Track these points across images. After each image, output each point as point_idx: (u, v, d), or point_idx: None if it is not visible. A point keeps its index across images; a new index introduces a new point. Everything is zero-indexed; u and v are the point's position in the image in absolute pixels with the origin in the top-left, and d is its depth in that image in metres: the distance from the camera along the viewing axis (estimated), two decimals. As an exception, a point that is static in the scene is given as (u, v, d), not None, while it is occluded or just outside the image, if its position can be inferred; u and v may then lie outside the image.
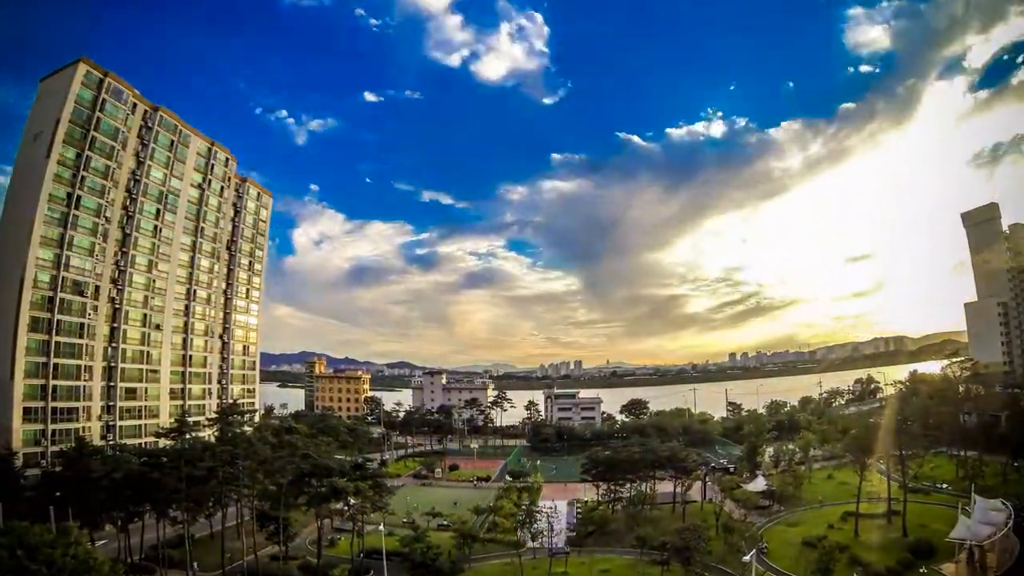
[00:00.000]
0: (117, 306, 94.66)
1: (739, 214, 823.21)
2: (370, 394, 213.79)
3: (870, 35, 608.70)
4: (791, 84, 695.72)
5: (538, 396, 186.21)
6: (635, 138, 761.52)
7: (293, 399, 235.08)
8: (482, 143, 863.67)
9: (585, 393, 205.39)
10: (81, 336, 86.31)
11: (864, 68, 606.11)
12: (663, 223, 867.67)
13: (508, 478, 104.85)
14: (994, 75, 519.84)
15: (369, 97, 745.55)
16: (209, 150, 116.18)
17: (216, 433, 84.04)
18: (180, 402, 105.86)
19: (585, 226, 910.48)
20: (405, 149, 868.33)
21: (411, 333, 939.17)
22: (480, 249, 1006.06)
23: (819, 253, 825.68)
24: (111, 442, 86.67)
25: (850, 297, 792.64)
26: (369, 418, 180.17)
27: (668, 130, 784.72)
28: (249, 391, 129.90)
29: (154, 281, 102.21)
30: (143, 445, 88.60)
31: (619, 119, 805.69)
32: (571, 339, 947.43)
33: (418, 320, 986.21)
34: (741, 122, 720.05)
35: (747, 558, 46.19)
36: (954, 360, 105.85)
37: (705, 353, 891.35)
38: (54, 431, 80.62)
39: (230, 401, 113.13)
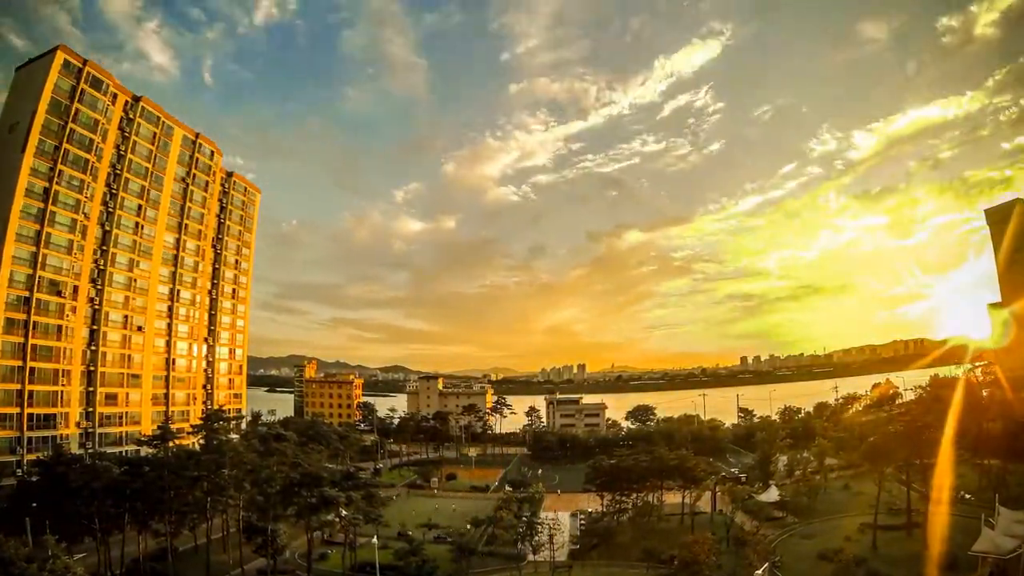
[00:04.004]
0: (96, 307, 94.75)
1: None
2: (363, 399, 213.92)
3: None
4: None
5: (539, 402, 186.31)
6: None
7: (282, 405, 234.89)
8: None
9: (589, 398, 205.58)
10: (59, 339, 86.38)
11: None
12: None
13: (508, 488, 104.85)
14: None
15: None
16: (193, 142, 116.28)
17: (201, 441, 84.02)
18: (163, 408, 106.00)
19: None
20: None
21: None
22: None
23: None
24: (90, 450, 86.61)
25: (866, 298, 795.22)
26: (361, 425, 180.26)
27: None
28: (235, 396, 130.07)
29: (135, 281, 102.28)
30: (124, 453, 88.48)
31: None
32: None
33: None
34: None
35: (760, 572, 46.24)
36: (977, 364, 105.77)
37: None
38: (30, 439, 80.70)
39: (215, 407, 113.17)
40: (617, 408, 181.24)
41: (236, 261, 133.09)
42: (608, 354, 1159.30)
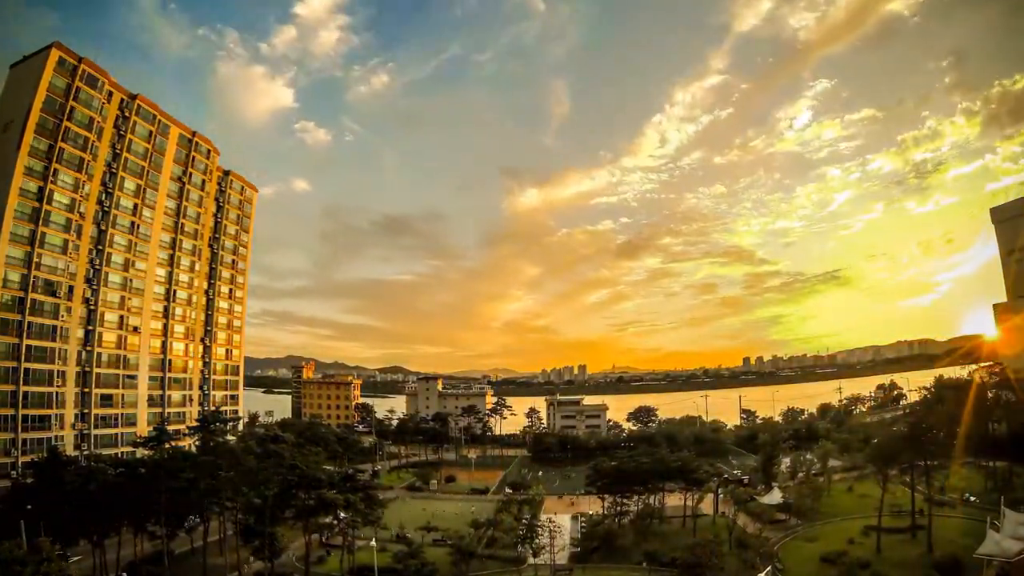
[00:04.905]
0: (92, 307, 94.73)
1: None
2: (361, 401, 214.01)
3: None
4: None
5: (540, 403, 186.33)
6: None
7: (279, 406, 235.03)
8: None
9: (590, 400, 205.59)
10: (53, 339, 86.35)
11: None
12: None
13: (508, 490, 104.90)
14: None
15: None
16: (190, 141, 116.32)
17: (197, 442, 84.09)
18: (159, 409, 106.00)
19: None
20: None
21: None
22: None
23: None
24: (85, 452, 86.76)
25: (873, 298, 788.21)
26: (360, 426, 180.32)
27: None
28: (232, 398, 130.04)
29: (131, 281, 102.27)
30: (119, 455, 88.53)
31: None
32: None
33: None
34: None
35: (762, 575, 46.25)
36: (982, 364, 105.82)
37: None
38: (25, 440, 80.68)
39: (212, 408, 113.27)
40: (618, 409, 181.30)
41: (233, 261, 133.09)
42: (590, 354, 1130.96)
